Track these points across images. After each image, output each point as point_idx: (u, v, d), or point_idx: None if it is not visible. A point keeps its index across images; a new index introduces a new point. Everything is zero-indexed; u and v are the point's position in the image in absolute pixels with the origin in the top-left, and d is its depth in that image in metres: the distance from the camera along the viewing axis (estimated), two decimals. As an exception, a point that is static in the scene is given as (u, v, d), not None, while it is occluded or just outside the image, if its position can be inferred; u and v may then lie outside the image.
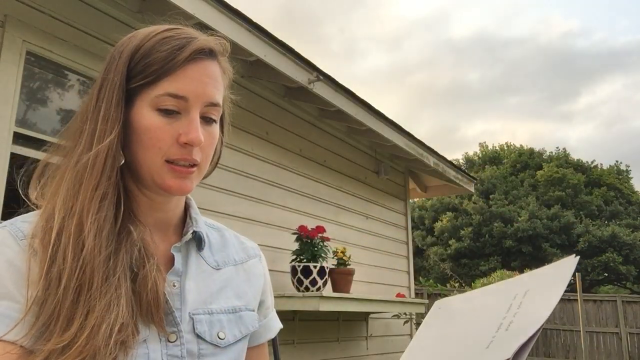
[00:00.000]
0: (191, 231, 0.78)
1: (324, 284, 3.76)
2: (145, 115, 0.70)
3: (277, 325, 0.91)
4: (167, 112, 0.70)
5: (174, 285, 0.74)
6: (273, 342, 2.80)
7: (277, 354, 2.82)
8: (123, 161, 0.74)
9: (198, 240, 0.79)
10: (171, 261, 0.75)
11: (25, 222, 0.69)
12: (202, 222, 0.82)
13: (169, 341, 0.70)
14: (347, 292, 3.96)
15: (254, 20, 3.23)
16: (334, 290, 3.95)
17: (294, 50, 3.58)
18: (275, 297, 0.92)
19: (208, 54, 0.73)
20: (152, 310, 0.68)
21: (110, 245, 0.67)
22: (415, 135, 5.20)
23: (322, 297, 3.52)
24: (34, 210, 0.72)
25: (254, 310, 0.83)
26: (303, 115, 4.42)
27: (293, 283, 3.75)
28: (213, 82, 0.73)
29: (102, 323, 0.62)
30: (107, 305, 0.63)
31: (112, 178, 0.69)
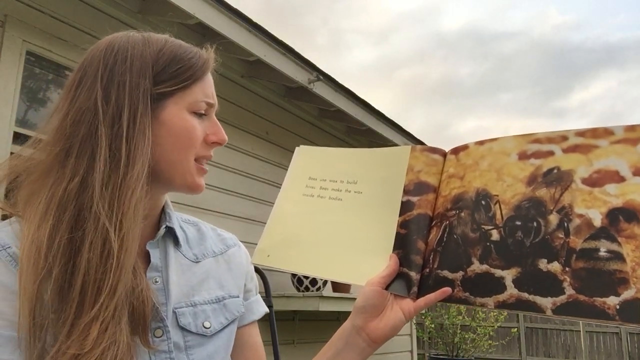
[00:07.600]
0: (164, 226, 0.77)
1: (324, 284, 3.76)
2: (184, 117, 0.72)
3: (261, 308, 0.90)
4: (199, 115, 0.74)
5: (156, 281, 0.73)
6: (273, 342, 2.80)
7: (277, 354, 2.82)
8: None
9: (174, 236, 0.79)
10: (148, 257, 0.75)
11: (1, 231, 0.67)
12: (175, 218, 0.82)
13: (155, 336, 0.70)
14: (347, 292, 3.95)
15: (250, 17, 3.23)
16: (334, 290, 3.94)
17: (294, 50, 3.58)
18: (275, 297, 0.91)
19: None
20: (139, 323, 0.67)
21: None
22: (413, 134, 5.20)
23: (322, 297, 3.52)
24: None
25: (238, 296, 0.84)
26: (303, 115, 4.42)
27: (293, 283, 3.74)
28: None
29: (112, 345, 0.61)
30: (105, 329, 0.62)
31: (143, 178, 0.67)
